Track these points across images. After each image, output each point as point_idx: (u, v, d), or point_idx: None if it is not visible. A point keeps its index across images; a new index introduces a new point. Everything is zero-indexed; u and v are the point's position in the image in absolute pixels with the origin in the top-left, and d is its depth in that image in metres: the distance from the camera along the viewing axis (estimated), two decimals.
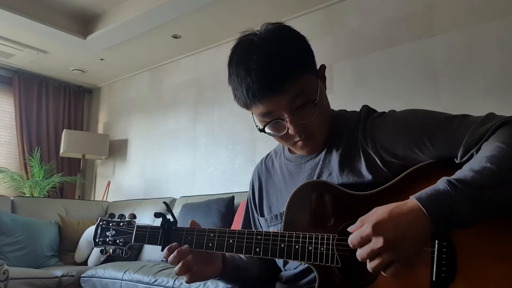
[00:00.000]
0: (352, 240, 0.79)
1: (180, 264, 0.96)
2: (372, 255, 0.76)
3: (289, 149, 1.10)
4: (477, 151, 0.81)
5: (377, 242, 0.75)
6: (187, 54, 4.33)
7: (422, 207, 0.75)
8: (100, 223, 1.09)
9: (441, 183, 0.77)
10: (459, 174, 0.78)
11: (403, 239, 0.75)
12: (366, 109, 1.01)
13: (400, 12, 2.98)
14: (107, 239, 1.07)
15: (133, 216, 1.09)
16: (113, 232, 1.07)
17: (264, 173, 1.16)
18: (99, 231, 1.08)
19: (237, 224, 2.85)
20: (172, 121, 4.41)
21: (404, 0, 2.97)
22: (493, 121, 0.82)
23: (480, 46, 2.62)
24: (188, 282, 0.99)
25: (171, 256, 0.97)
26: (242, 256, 1.09)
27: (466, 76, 2.64)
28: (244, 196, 3.13)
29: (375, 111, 1.01)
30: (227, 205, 3.07)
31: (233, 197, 3.13)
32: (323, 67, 1.01)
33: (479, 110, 0.94)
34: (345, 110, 1.07)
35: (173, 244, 0.98)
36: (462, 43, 2.68)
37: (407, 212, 0.76)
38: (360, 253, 0.78)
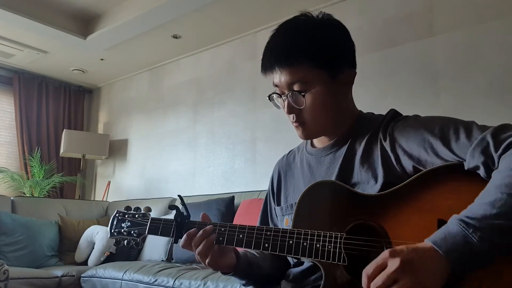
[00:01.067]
0: (367, 269, 0.75)
1: (204, 242, 0.98)
2: (388, 280, 0.71)
3: (311, 143, 1.14)
4: (483, 165, 0.80)
5: (393, 264, 0.71)
6: (187, 54, 4.33)
7: (438, 250, 0.73)
8: (117, 214, 1.13)
9: (452, 224, 0.75)
10: (470, 210, 0.76)
11: (422, 263, 0.71)
12: (393, 112, 1.04)
13: (400, 12, 2.98)
14: (122, 230, 1.10)
15: (148, 209, 1.13)
16: (129, 223, 1.10)
17: (284, 167, 1.20)
18: (115, 223, 1.12)
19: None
20: (172, 121, 4.41)
21: (404, 0, 2.97)
22: (506, 133, 0.80)
23: (480, 46, 2.62)
24: (209, 263, 0.99)
25: (197, 236, 0.98)
26: (253, 252, 1.12)
27: (466, 76, 2.64)
28: (244, 196, 3.13)
29: (401, 114, 1.04)
30: (227, 205, 3.07)
31: (233, 197, 3.14)
32: (350, 73, 1.03)
33: (479, 110, 0.95)
34: (373, 113, 1.10)
35: (192, 230, 1.00)
36: (462, 43, 2.68)
37: (424, 248, 0.74)
38: (376, 282, 0.72)
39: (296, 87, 0.98)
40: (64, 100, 5.17)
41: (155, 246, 3.37)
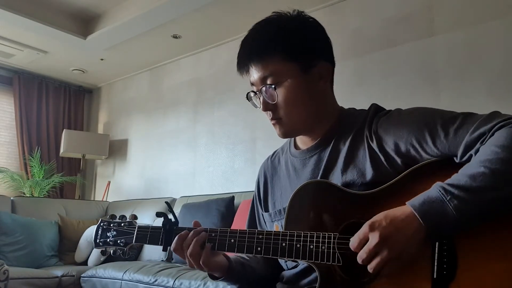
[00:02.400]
0: (352, 242, 0.82)
1: (194, 241, 0.96)
2: (370, 254, 0.78)
3: (295, 145, 1.13)
4: (475, 153, 0.81)
5: (373, 238, 0.78)
6: (187, 54, 4.33)
7: (415, 213, 0.78)
8: (101, 224, 1.09)
9: (434, 189, 0.79)
10: (453, 179, 0.79)
11: (398, 235, 0.77)
12: (375, 107, 1.03)
13: (400, 12, 2.98)
14: (108, 240, 1.07)
15: (134, 217, 1.09)
16: (114, 232, 1.07)
17: (270, 170, 1.18)
18: (100, 232, 1.08)
19: (237, 224, 2.85)
20: (172, 121, 4.41)
21: (404, 0, 2.97)
22: (494, 121, 0.81)
23: (480, 46, 2.62)
24: (203, 262, 0.96)
25: (188, 237, 0.97)
26: (243, 255, 1.10)
27: (466, 76, 2.64)
28: (244, 196, 3.13)
29: (383, 109, 1.03)
30: (227, 205, 3.06)
31: (233, 197, 3.13)
32: (324, 66, 1.02)
33: (479, 110, 0.95)
34: (354, 108, 1.09)
35: (183, 232, 0.99)
36: (462, 43, 2.68)
37: (401, 214, 0.79)
38: (360, 255, 0.80)
39: (268, 81, 0.98)
40: (64, 100, 5.17)
41: (155, 246, 3.36)
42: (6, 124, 4.82)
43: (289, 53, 0.98)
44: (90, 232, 3.56)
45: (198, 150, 4.11)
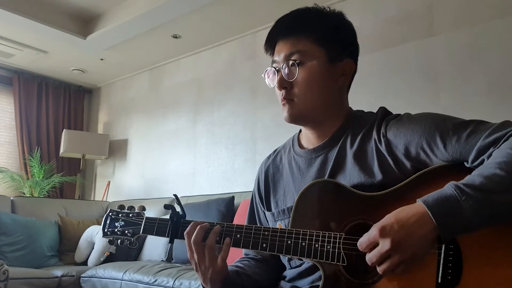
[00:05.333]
0: (361, 243, 0.81)
1: (199, 228, 0.97)
2: (381, 258, 0.77)
3: (299, 144, 1.12)
4: (488, 157, 0.81)
5: (384, 245, 0.77)
6: (187, 54, 4.33)
7: (428, 211, 0.76)
8: (110, 213, 1.10)
9: (448, 187, 0.78)
10: (467, 179, 0.78)
11: (410, 239, 0.76)
12: (383, 111, 1.03)
13: (400, 11, 2.98)
14: (116, 230, 1.08)
15: (143, 208, 1.10)
16: (122, 223, 1.08)
17: (271, 168, 1.17)
18: (108, 222, 1.09)
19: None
20: (172, 121, 4.41)
21: (404, 0, 2.97)
22: (508, 128, 0.81)
23: (480, 46, 2.62)
24: (208, 255, 0.97)
25: (196, 229, 0.98)
26: (238, 263, 1.11)
27: (466, 76, 2.64)
28: (244, 196, 3.13)
29: (391, 113, 1.03)
30: (227, 205, 3.06)
31: (233, 197, 3.13)
32: (349, 64, 1.04)
33: (479, 110, 0.95)
34: (363, 111, 1.09)
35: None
36: (462, 43, 2.68)
37: (413, 215, 0.77)
38: (369, 257, 0.79)
39: (293, 58, 1.00)
40: (64, 100, 5.17)
41: (155, 246, 3.37)
42: (6, 124, 4.82)
43: (321, 38, 1.00)
44: (90, 232, 3.56)
45: (198, 150, 4.11)
